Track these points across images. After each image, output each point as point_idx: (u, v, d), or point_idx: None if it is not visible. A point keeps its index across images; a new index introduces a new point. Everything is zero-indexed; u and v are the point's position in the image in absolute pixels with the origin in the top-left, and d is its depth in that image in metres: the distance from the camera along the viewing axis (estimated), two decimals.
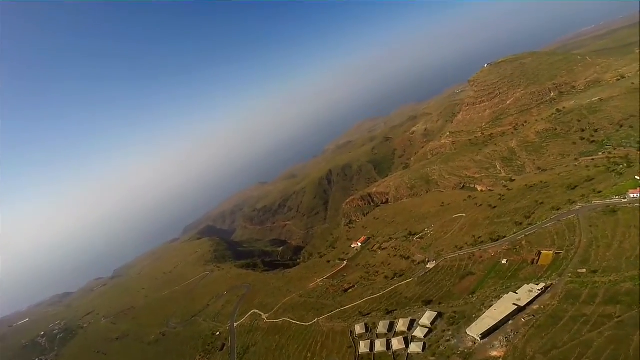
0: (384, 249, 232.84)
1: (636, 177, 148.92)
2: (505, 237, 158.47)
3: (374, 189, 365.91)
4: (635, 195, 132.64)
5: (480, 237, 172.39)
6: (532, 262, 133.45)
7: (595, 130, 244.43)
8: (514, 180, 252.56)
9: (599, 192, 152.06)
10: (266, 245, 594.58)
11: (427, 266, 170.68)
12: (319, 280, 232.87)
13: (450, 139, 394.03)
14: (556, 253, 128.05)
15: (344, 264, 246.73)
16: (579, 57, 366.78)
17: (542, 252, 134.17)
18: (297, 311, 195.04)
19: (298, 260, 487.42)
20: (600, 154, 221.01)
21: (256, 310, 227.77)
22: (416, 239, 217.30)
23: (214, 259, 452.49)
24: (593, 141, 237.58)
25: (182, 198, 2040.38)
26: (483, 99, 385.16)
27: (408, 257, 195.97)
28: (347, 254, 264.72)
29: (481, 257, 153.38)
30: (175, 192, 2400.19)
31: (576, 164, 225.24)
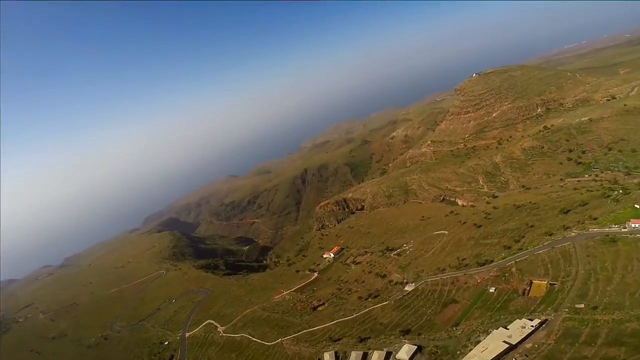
0: (358, 263, 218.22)
1: (635, 205, 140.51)
2: (492, 261, 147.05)
3: (350, 195, 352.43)
4: (637, 225, 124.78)
5: (464, 259, 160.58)
6: (524, 293, 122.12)
7: (583, 152, 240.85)
8: (497, 196, 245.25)
9: (595, 218, 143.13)
10: (231, 243, 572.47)
11: (405, 288, 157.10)
12: (285, 292, 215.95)
13: (432, 148, 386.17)
14: (550, 284, 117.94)
15: (314, 276, 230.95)
16: (568, 74, 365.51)
17: (534, 281, 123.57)
18: (258, 327, 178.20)
19: (264, 262, 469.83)
20: (587, 176, 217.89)
21: (212, 321, 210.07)
22: (393, 255, 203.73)
23: (172, 255, 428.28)
24: (580, 163, 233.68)
25: (149, 186, 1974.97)
26: (468, 109, 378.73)
27: (384, 276, 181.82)
28: (318, 264, 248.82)
29: (466, 283, 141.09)
30: (143, 179, 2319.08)
31: (562, 184, 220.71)
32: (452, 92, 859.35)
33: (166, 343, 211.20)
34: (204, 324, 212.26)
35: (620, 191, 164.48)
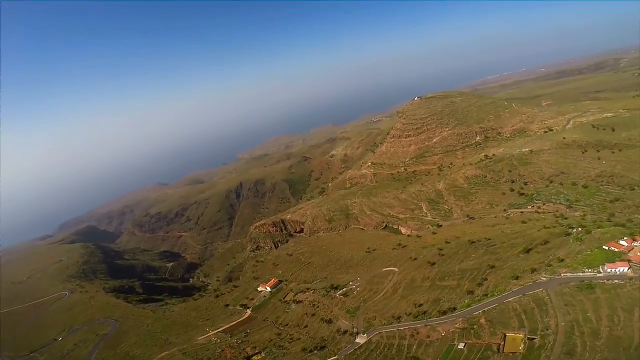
0: (299, 302, 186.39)
1: (603, 246, 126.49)
2: (455, 309, 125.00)
3: (289, 216, 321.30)
4: (613, 270, 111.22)
5: (421, 304, 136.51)
6: (498, 349, 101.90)
7: (525, 183, 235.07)
8: (441, 226, 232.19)
9: (562, 260, 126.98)
10: (154, 258, 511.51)
11: (357, 340, 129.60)
12: (211, 332, 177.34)
13: (372, 170, 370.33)
14: (529, 338, 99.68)
15: (247, 314, 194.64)
16: (505, 103, 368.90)
17: (508, 335, 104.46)
18: None
19: (190, 281, 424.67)
20: (530, 207, 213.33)
21: None
22: (339, 295, 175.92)
23: (81, 273, 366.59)
24: (522, 194, 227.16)
25: (73, 187, 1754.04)
26: (410, 132, 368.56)
27: (330, 321, 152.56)
28: (252, 299, 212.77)
29: (428, 336, 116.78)
30: (66, 179, 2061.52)
31: (506, 215, 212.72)
32: (387, 113, 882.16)
33: None
34: None
35: (580, 229, 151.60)
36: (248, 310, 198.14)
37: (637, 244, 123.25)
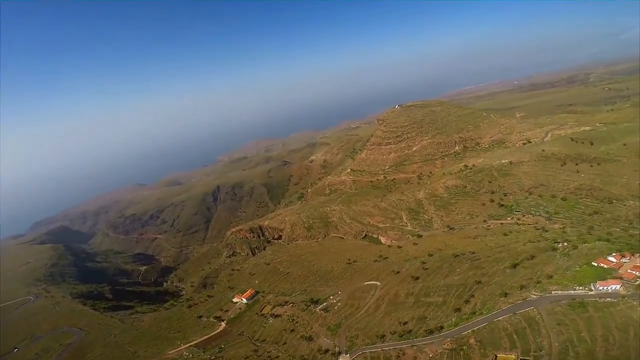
0: (277, 316, 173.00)
1: (593, 262, 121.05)
2: (442, 327, 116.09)
3: (267, 222, 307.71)
4: (605, 287, 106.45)
5: (406, 322, 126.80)
6: None
7: (505, 194, 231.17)
8: (422, 236, 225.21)
9: (551, 276, 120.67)
10: (127, 261, 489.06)
11: None
12: (183, 346, 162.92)
13: (351, 177, 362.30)
14: None
15: (221, 327, 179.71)
16: (484, 114, 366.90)
17: (499, 356, 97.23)
18: None
19: (164, 285, 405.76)
20: (509, 218, 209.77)
21: None
22: (319, 310, 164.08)
23: (48, 276, 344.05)
24: (502, 205, 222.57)
25: (51, 185, 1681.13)
26: (390, 140, 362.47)
27: (310, 338, 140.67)
28: (227, 311, 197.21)
29: (415, 358, 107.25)
30: (45, 177, 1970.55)
31: (486, 226, 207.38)
32: (365, 120, 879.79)
33: None
34: None
35: (566, 244, 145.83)
36: (222, 323, 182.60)
37: (626, 260, 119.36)
